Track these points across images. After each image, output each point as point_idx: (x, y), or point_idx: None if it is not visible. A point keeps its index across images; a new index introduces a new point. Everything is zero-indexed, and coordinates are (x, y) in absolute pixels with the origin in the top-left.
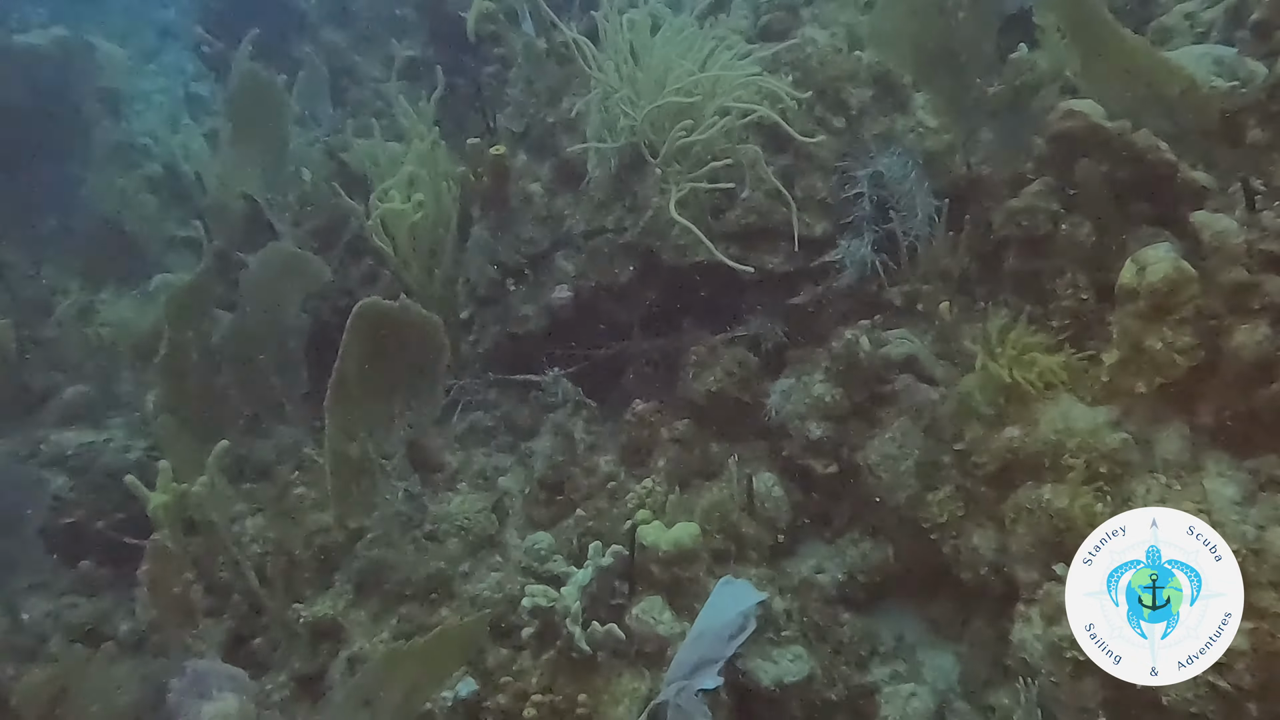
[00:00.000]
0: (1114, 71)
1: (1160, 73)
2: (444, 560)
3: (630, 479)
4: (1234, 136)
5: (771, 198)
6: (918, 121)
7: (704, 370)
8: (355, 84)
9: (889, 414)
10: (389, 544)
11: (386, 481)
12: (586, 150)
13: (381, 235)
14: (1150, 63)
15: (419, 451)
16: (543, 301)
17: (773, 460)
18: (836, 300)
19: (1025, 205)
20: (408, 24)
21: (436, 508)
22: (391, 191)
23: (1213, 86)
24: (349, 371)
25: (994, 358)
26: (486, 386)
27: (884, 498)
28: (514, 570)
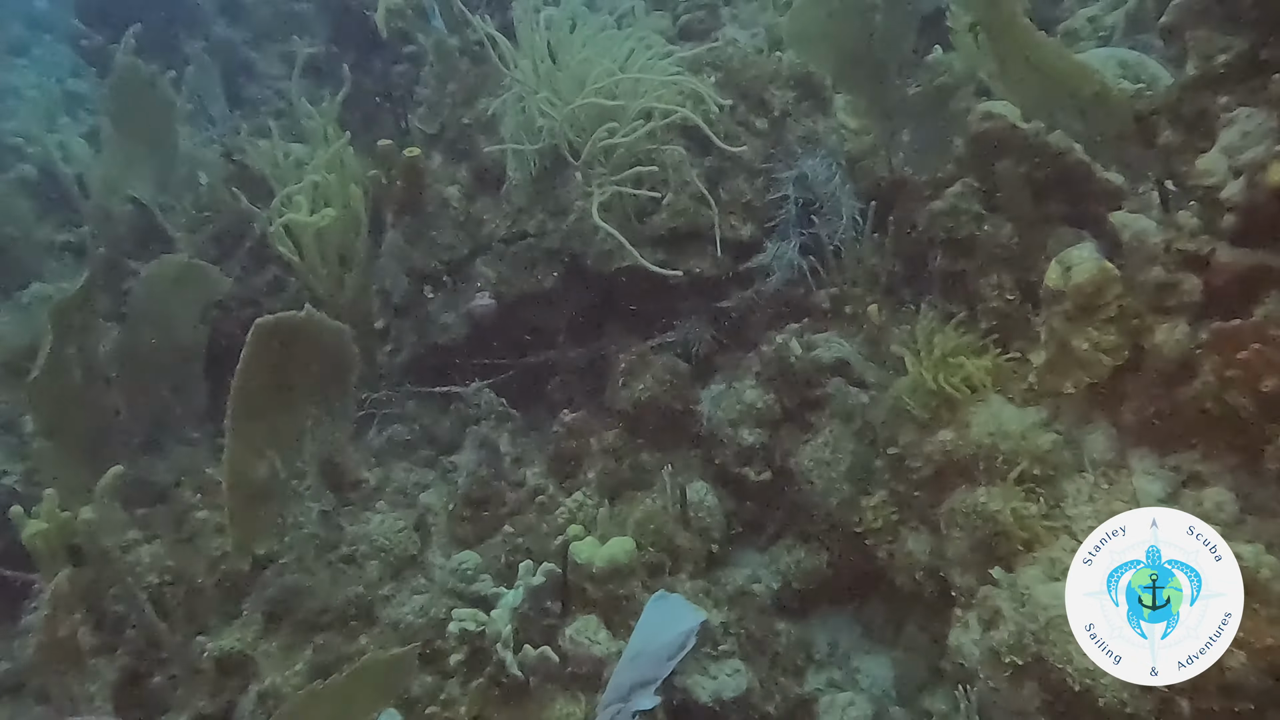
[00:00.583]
0: (1029, 73)
1: (1073, 75)
2: (363, 584)
3: (560, 492)
4: (1146, 138)
5: (697, 200)
6: (839, 123)
7: (634, 378)
8: (253, 82)
9: (820, 418)
10: (302, 568)
11: (298, 502)
12: (505, 152)
13: (285, 242)
14: (1064, 65)
15: (333, 469)
16: (463, 309)
17: (705, 468)
18: (765, 304)
19: (948, 207)
20: (308, 20)
21: (354, 528)
22: (297, 197)
23: (1122, 89)
24: (251, 386)
25: (921, 362)
26: (405, 398)
27: (817, 503)
28: (439, 592)
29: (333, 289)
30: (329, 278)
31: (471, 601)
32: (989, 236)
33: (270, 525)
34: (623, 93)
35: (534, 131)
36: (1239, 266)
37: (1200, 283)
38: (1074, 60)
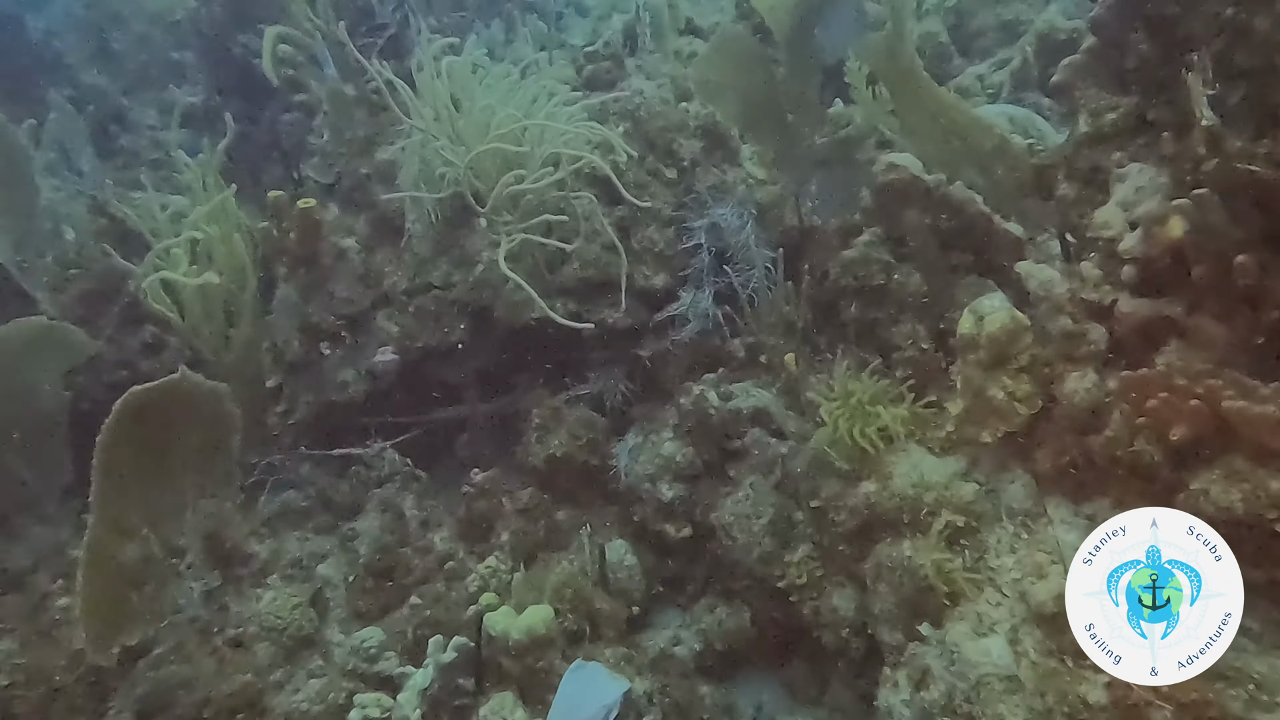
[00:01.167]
0: (931, 126)
1: (973, 129)
2: (252, 670)
3: (470, 557)
4: (1044, 191)
5: (608, 250)
6: (748, 173)
7: (548, 434)
8: (127, 132)
9: (740, 471)
10: (181, 657)
11: (178, 583)
12: (405, 202)
13: (162, 299)
14: (964, 119)
15: (218, 543)
16: (363, 365)
17: (624, 526)
18: (680, 354)
19: (858, 255)
20: (186, 68)
21: (242, 607)
22: (175, 250)
23: (1020, 143)
24: (117, 459)
25: (838, 412)
26: (300, 462)
27: (739, 559)
28: (339, 674)
29: (218, 348)
30: (213, 336)
31: (375, 683)
32: (899, 285)
33: (142, 612)
34: (529, 140)
35: (435, 180)
36: (1139, 316)
37: (1105, 332)
38: (973, 114)
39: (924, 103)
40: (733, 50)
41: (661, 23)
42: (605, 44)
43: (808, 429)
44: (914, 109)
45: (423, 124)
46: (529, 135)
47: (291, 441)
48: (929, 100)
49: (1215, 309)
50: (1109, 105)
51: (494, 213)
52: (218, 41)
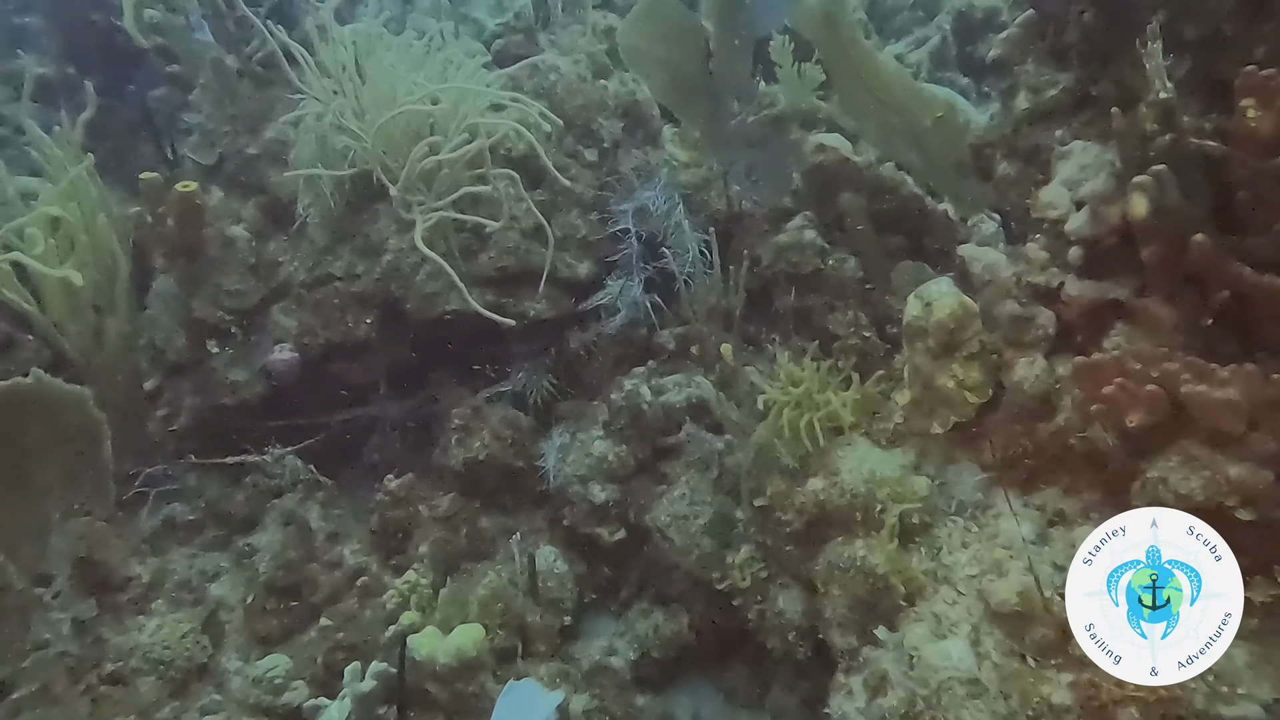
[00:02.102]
0: (866, 100)
1: (914, 102)
2: (134, 710)
3: (386, 571)
4: (983, 170)
5: (528, 236)
6: (670, 155)
7: (469, 435)
8: None
9: (675, 469)
10: (48, 699)
11: (42, 615)
12: (300, 184)
13: (17, 289)
14: (904, 92)
15: (91, 567)
16: (258, 364)
17: (553, 531)
18: (606, 347)
19: (791, 241)
20: (32, 36)
21: (121, 638)
22: (31, 231)
23: (961, 119)
24: None
25: (783, 403)
26: (185, 471)
27: (676, 562)
28: (238, 709)
29: (85, 346)
30: (80, 333)
31: (282, 718)
32: (834, 271)
33: (9, 650)
34: (441, 114)
35: (335, 159)
36: (1086, 299)
37: (1053, 316)
38: (915, 86)
39: (861, 76)
40: (663, 17)
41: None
42: (516, 16)
43: (748, 422)
44: (850, 83)
45: (323, 94)
46: (441, 107)
47: (175, 449)
48: (868, 72)
49: (1164, 290)
50: (1049, 81)
51: (406, 191)
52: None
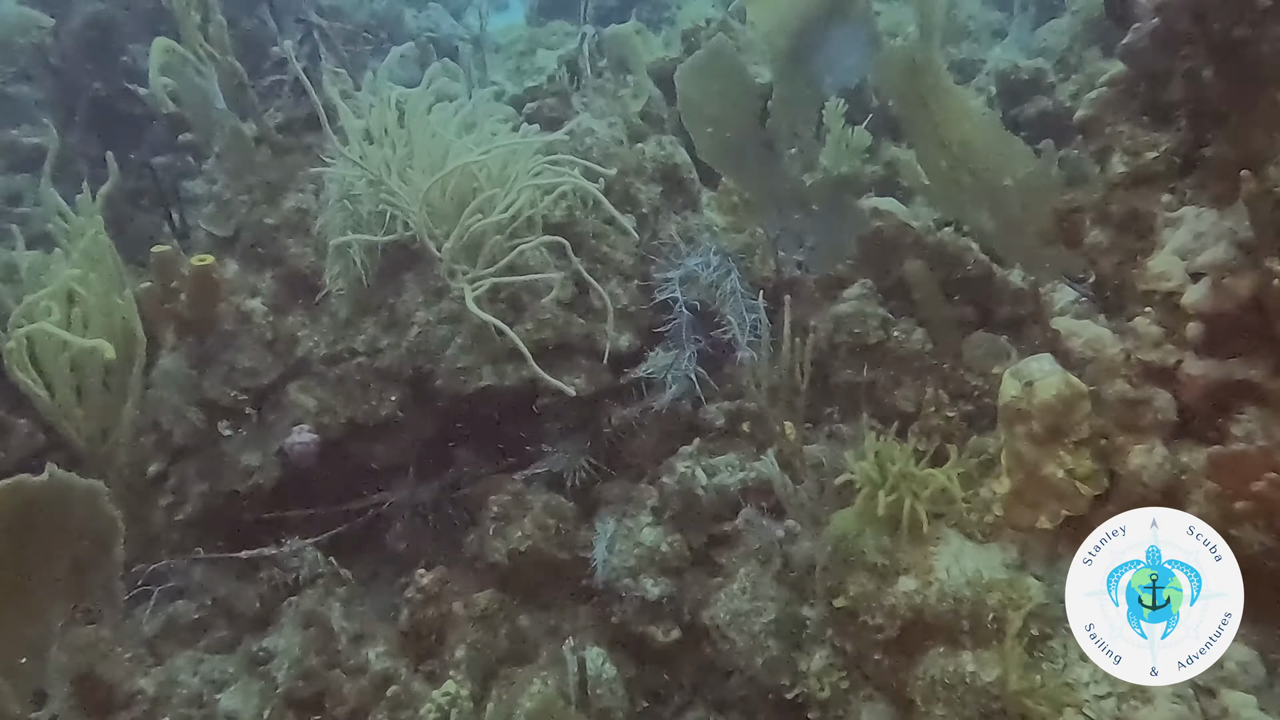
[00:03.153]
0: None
1: (1002, 156)
2: None
3: (416, 678)
4: (1067, 236)
5: (566, 307)
6: (708, 220)
7: (508, 524)
8: None
9: (732, 559)
10: None
11: None
12: (324, 256)
13: (27, 369)
14: (994, 142)
15: (91, 684)
16: (273, 447)
17: (600, 630)
18: (650, 424)
19: (853, 311)
20: (24, 105)
21: None
22: (45, 305)
23: (1053, 176)
24: None
25: (877, 484)
26: (190, 565)
27: (737, 665)
28: None
29: (91, 433)
30: (88, 419)
31: None
32: (899, 343)
33: None
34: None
35: (366, 228)
36: (1209, 379)
37: (1170, 397)
38: (1005, 136)
39: (940, 129)
40: (720, 68)
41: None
42: (549, 79)
43: (818, 509)
44: (926, 138)
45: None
46: (485, 173)
47: (180, 541)
48: (949, 124)
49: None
50: (1149, 143)
51: (452, 258)
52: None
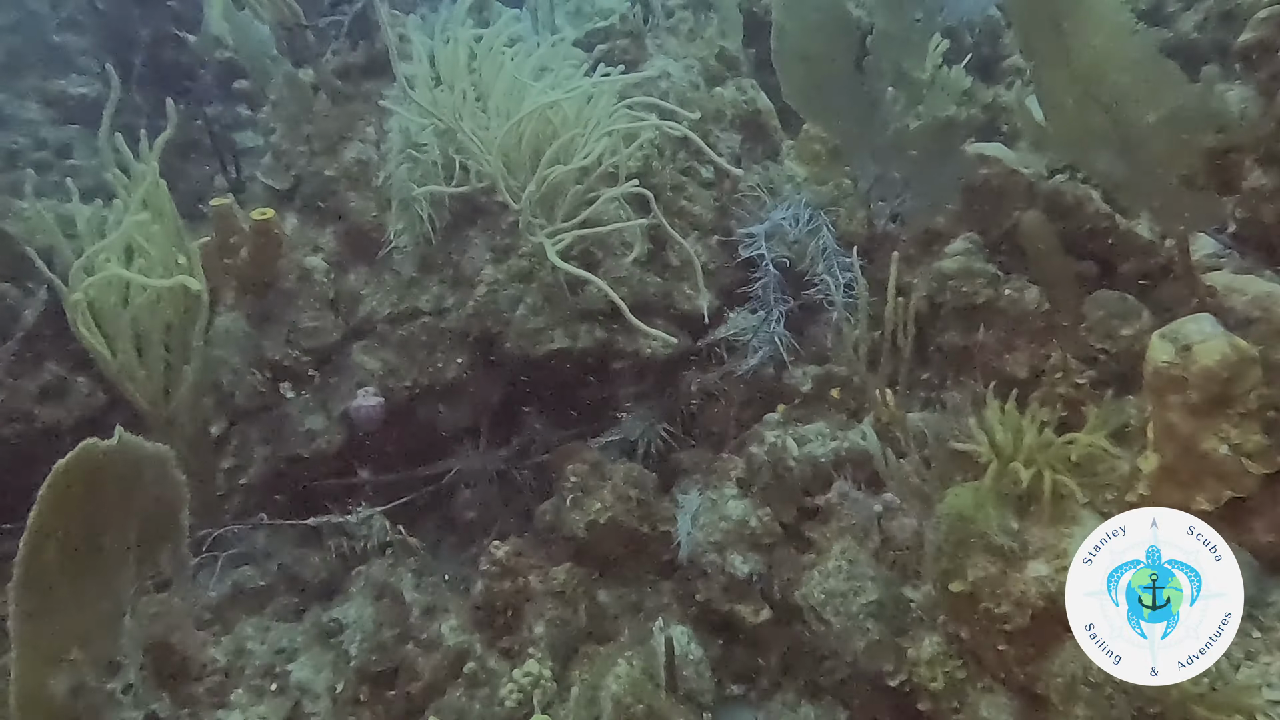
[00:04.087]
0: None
1: (1152, 83)
2: None
3: (493, 653)
4: (1223, 179)
5: (641, 265)
6: (790, 171)
7: (587, 495)
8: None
9: (824, 535)
10: None
11: (116, 712)
12: (386, 211)
13: (91, 327)
14: (1145, 67)
15: (165, 653)
16: (337, 411)
17: (683, 607)
18: (730, 390)
19: (960, 267)
20: (71, 54)
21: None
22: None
23: (1215, 105)
24: (43, 569)
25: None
26: (253, 531)
27: (834, 649)
28: None
29: (154, 395)
30: (150, 378)
31: None
32: (1011, 303)
33: None
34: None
35: (432, 178)
36: None
37: None
38: (1160, 61)
39: (1073, 60)
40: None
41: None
42: (621, 19)
43: (921, 483)
44: (1055, 71)
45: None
46: (561, 119)
47: (242, 506)
48: (1088, 52)
49: None
50: None
51: (530, 210)
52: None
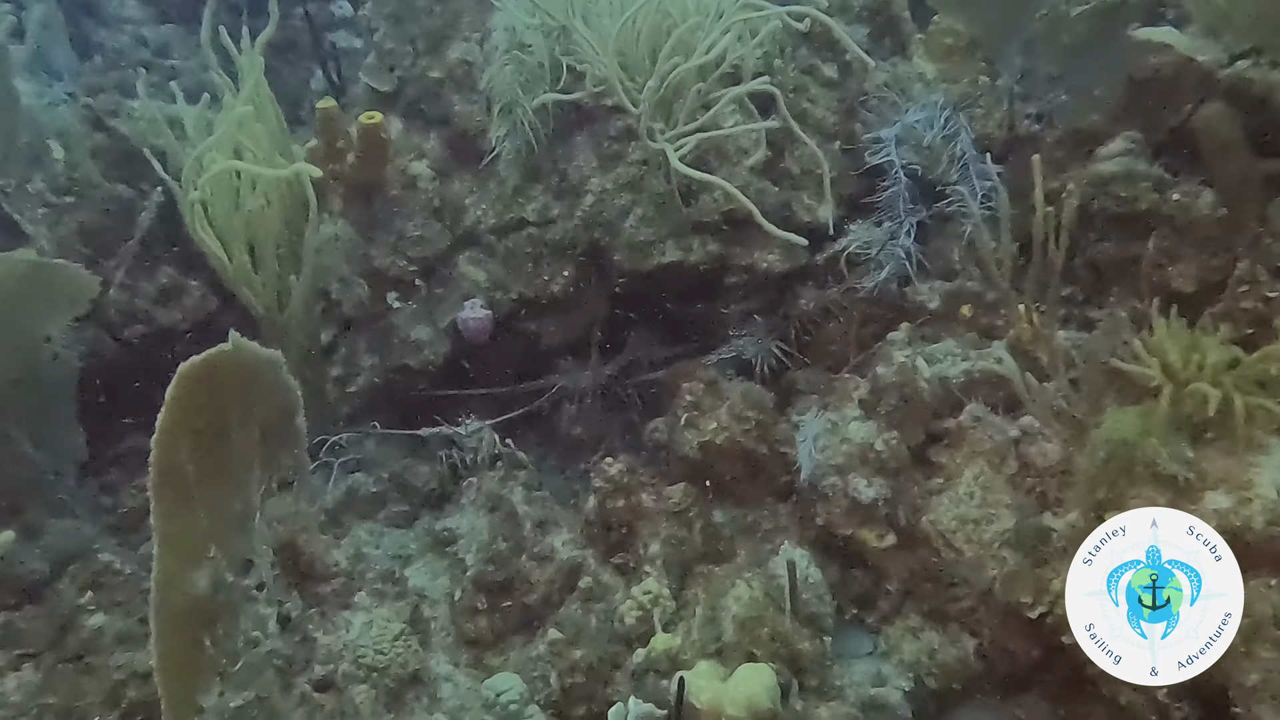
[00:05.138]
0: None
1: None
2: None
3: (605, 570)
4: None
5: (757, 173)
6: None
7: (702, 414)
8: (102, 26)
9: (954, 460)
10: (266, 711)
11: (251, 610)
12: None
13: (209, 232)
14: None
15: (293, 554)
16: (443, 322)
17: (801, 530)
18: (850, 306)
19: (1120, 170)
20: None
21: (329, 638)
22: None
23: None
24: (179, 461)
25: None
26: (363, 438)
27: (965, 577)
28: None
29: (269, 301)
30: (267, 284)
31: None
32: (1179, 209)
33: (217, 657)
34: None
35: (538, 80)
36: None
37: None
38: None
39: None
40: None
41: None
42: None
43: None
44: None
45: None
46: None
47: (351, 415)
48: None
49: None
50: None
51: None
52: None
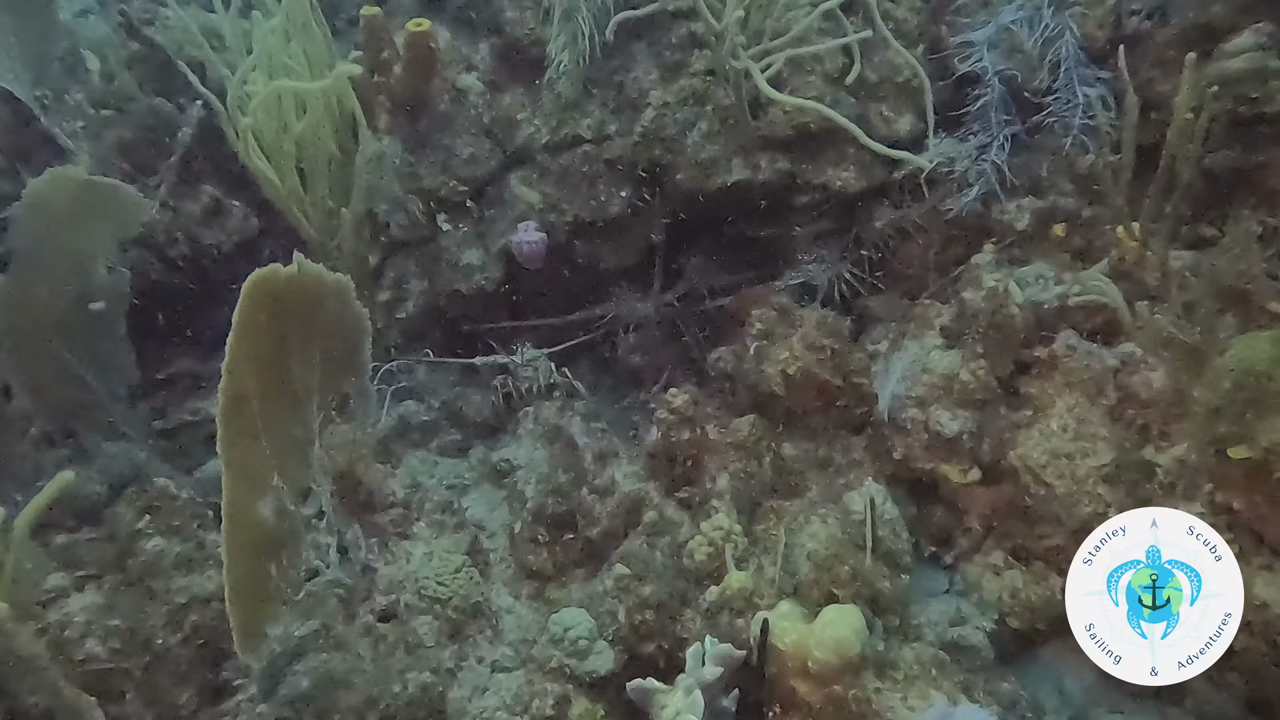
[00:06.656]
0: None
1: None
2: (415, 657)
3: (669, 504)
4: None
5: (832, 83)
6: None
7: (774, 344)
8: None
9: (1045, 391)
10: (331, 641)
11: (313, 538)
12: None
13: (258, 152)
14: None
15: (352, 484)
16: (495, 245)
17: (878, 464)
18: (929, 227)
19: (1245, 67)
20: None
21: (390, 568)
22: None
23: None
24: (244, 385)
25: None
26: (413, 366)
27: (1055, 513)
28: (534, 669)
29: (321, 220)
30: (318, 206)
31: (589, 688)
32: None
33: (282, 586)
34: None
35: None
36: None
37: None
38: None
39: None
40: None
41: None
42: None
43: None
44: None
45: None
46: None
47: (401, 341)
48: None
49: None
50: None
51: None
52: None
